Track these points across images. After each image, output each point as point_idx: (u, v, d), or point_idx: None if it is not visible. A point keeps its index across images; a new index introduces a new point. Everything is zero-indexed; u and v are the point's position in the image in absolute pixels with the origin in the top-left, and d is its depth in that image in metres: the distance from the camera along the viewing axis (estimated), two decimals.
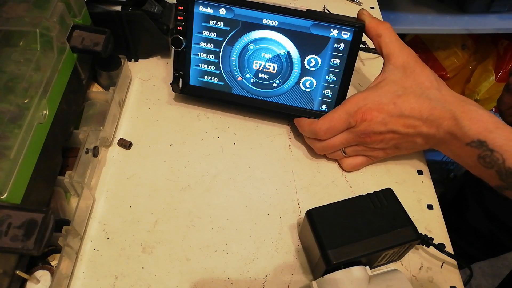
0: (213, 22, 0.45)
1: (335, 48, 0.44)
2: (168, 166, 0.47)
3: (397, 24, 0.94)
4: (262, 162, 0.48)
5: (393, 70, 0.42)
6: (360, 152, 0.46)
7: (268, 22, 0.45)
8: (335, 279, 0.35)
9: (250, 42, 0.46)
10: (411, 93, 0.41)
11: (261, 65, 0.47)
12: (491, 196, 0.68)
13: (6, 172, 0.32)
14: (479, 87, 1.16)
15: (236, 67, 0.48)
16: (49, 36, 0.40)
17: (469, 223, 0.73)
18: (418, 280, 0.40)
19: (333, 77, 0.46)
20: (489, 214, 0.69)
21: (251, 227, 0.43)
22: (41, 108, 0.37)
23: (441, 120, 0.39)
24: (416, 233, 0.37)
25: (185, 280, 0.39)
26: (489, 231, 0.70)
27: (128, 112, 0.52)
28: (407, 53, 0.42)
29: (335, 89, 0.47)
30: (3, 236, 0.31)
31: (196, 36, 0.47)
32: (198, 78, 0.50)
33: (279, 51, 0.46)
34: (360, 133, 0.42)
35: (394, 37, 0.43)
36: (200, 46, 0.47)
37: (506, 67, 1.11)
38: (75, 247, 0.39)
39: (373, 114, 0.41)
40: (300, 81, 0.47)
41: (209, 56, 0.48)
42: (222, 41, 0.46)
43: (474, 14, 0.97)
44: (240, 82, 0.49)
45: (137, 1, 0.54)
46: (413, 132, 0.41)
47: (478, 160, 0.37)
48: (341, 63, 0.45)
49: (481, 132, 0.37)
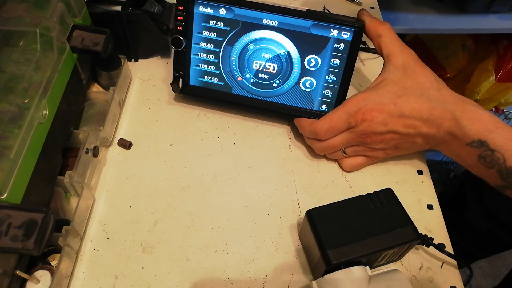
0: (213, 22, 0.45)
1: (335, 48, 0.44)
2: (168, 166, 0.47)
3: (397, 24, 0.93)
4: (262, 162, 0.48)
5: (393, 70, 0.42)
6: (360, 152, 0.46)
7: (268, 22, 0.45)
8: (335, 279, 0.35)
9: (250, 42, 0.46)
10: (412, 93, 0.41)
11: (261, 65, 0.47)
12: (491, 194, 0.68)
13: (6, 172, 0.32)
14: (479, 87, 1.16)
15: (236, 67, 0.48)
16: (49, 36, 0.40)
17: (468, 221, 0.73)
18: (418, 280, 0.40)
19: (333, 77, 0.46)
20: (488, 213, 0.69)
21: (251, 227, 0.43)
22: (41, 108, 0.37)
23: (441, 121, 0.39)
24: (416, 233, 0.37)
25: (185, 280, 0.39)
26: (488, 230, 0.71)
27: (128, 112, 0.52)
28: (408, 53, 0.42)
29: (335, 89, 0.47)
30: (3, 236, 0.31)
31: (196, 36, 0.47)
32: (198, 78, 0.50)
33: (279, 51, 0.46)
34: (361, 133, 0.42)
35: (394, 37, 0.43)
36: (200, 46, 0.47)
37: (506, 67, 1.11)
38: (75, 247, 0.39)
39: (373, 114, 0.41)
40: (300, 81, 0.47)
41: (209, 56, 0.48)
42: (222, 41, 0.46)
43: (474, 14, 0.97)
44: (240, 82, 0.49)
45: (137, 1, 0.54)
46: (413, 133, 0.41)
47: (479, 160, 0.37)
48: (341, 63, 0.45)
49: (481, 132, 0.37)
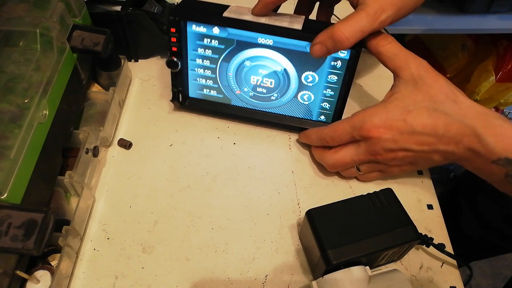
0: (208, 41, 0.44)
1: (332, 65, 0.44)
2: (168, 166, 0.47)
3: (396, 25, 0.93)
4: (262, 162, 0.48)
5: (403, 84, 0.39)
6: (375, 169, 0.44)
7: (263, 41, 0.43)
8: (335, 279, 0.35)
9: (246, 59, 0.45)
10: (423, 107, 0.38)
11: (258, 80, 0.47)
12: (485, 202, 0.67)
13: (6, 172, 0.32)
14: (479, 87, 1.16)
15: (233, 81, 0.48)
16: (49, 36, 0.40)
17: (461, 229, 0.72)
18: (418, 280, 0.40)
19: (330, 91, 0.46)
20: (481, 221, 0.68)
21: (251, 227, 0.43)
22: (41, 108, 0.37)
23: (460, 137, 0.36)
24: (416, 233, 0.37)
25: (185, 280, 0.39)
26: (481, 237, 0.70)
27: (128, 112, 0.52)
28: (416, 64, 0.39)
29: (333, 102, 0.47)
30: (3, 236, 0.31)
31: (192, 53, 0.46)
32: (197, 91, 0.50)
33: (276, 68, 0.45)
34: (370, 150, 0.41)
35: (397, 49, 0.40)
36: (196, 63, 0.47)
37: (506, 67, 1.11)
38: (75, 247, 0.39)
39: (380, 131, 0.39)
40: (298, 95, 0.47)
41: (206, 71, 0.47)
42: (218, 58, 0.46)
43: (474, 15, 0.97)
44: (239, 95, 0.49)
45: (137, 1, 0.54)
46: (428, 149, 0.38)
47: (506, 178, 0.34)
48: (338, 79, 0.45)
49: (508, 149, 0.34)
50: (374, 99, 0.56)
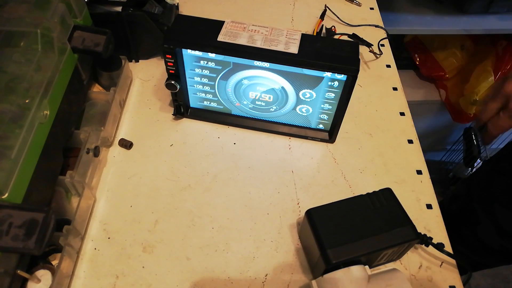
0: (204, 62, 0.45)
1: (329, 85, 0.44)
2: (169, 166, 0.47)
3: (396, 25, 0.94)
4: (262, 162, 0.48)
5: None
6: None
7: (259, 64, 0.43)
8: (335, 278, 0.35)
9: (244, 78, 0.45)
10: None
11: (257, 95, 0.47)
12: (504, 212, 0.66)
13: (7, 172, 0.32)
14: (478, 88, 1.16)
15: (233, 95, 0.48)
16: (50, 36, 0.40)
17: (479, 237, 0.72)
18: (417, 279, 0.40)
19: (328, 106, 0.46)
20: (501, 230, 0.67)
21: (251, 227, 0.43)
22: (42, 108, 0.38)
23: None
24: (415, 233, 0.37)
25: (185, 279, 0.39)
26: (501, 246, 0.69)
27: (129, 112, 0.52)
28: None
29: (331, 114, 0.48)
30: (4, 236, 0.31)
31: (190, 72, 0.46)
32: (198, 102, 0.50)
33: (273, 86, 0.46)
34: None
35: None
36: (195, 80, 0.47)
37: (505, 67, 1.11)
38: (76, 247, 0.39)
39: None
40: (297, 108, 0.48)
41: (205, 87, 0.48)
42: (216, 76, 0.46)
43: (473, 15, 0.97)
44: (239, 107, 0.50)
45: (137, 2, 0.54)
46: None
47: None
48: (335, 97, 0.45)
49: None
50: (374, 99, 0.56)
